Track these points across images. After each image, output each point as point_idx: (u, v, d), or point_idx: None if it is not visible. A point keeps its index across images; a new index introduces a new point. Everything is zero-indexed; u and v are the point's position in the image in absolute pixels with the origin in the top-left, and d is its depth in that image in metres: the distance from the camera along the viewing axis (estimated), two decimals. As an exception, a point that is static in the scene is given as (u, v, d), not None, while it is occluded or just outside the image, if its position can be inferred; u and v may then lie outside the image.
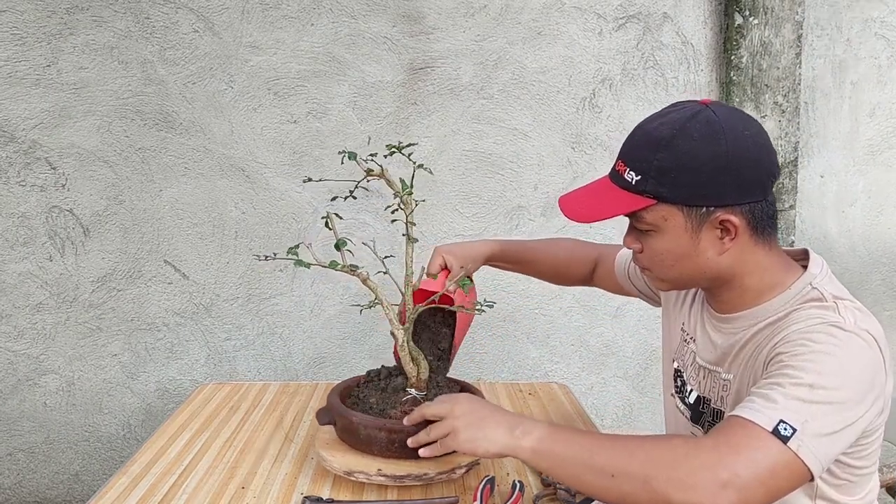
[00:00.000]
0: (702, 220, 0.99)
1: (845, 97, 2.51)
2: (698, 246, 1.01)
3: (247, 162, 2.36)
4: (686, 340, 1.21)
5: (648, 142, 1.01)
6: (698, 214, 0.99)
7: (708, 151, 0.96)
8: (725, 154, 0.96)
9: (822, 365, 0.89)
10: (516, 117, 2.41)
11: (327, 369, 2.47)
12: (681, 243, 1.01)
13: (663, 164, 0.98)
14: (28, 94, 2.27)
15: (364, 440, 1.19)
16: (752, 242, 1.02)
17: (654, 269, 1.08)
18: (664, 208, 1.00)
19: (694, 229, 1.00)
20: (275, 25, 2.31)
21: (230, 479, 1.26)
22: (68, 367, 2.40)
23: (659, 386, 2.62)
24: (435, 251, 1.42)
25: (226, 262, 2.40)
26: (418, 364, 1.27)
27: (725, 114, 1.00)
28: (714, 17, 2.44)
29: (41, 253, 2.34)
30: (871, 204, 2.57)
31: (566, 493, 1.18)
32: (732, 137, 0.97)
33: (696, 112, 1.00)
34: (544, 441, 0.96)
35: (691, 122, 0.98)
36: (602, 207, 1.04)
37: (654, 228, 1.02)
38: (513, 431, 0.98)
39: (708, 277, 1.05)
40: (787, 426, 0.85)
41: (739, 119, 1.01)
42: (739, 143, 0.97)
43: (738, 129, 0.98)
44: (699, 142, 0.97)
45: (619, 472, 0.88)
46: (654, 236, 1.03)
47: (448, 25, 2.35)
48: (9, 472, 2.44)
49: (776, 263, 1.05)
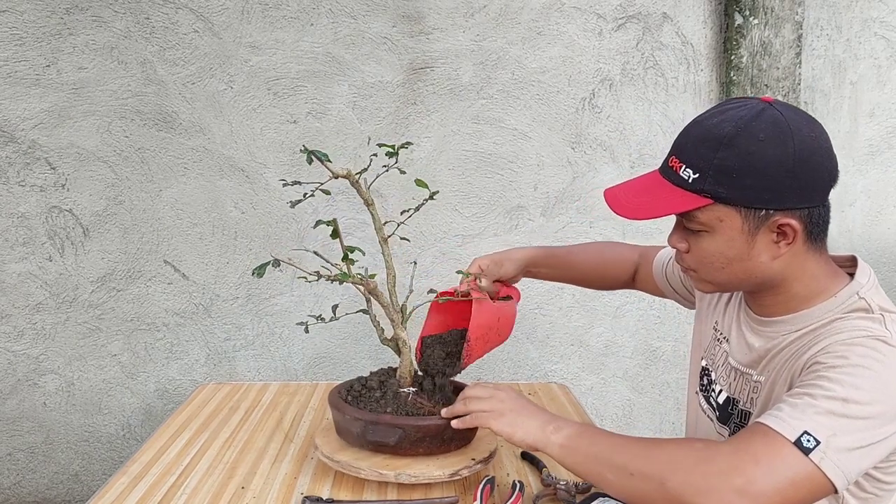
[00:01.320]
0: (760, 224, 0.96)
1: (845, 97, 2.52)
2: (752, 250, 0.97)
3: (247, 162, 2.36)
4: (718, 339, 1.19)
5: (708, 139, 0.96)
6: (757, 217, 0.95)
7: (774, 153, 0.92)
8: (792, 156, 0.93)
9: (859, 379, 0.86)
10: (516, 117, 2.41)
11: (327, 369, 2.47)
12: (734, 246, 0.98)
13: (725, 164, 0.93)
14: (28, 95, 2.27)
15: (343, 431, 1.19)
16: (804, 248, 0.99)
17: (700, 270, 1.04)
18: (721, 209, 0.96)
19: (750, 232, 0.96)
20: (275, 25, 2.31)
21: (230, 478, 1.26)
22: (68, 367, 2.40)
23: (658, 386, 2.62)
24: (472, 261, 1.39)
25: (226, 262, 2.40)
26: (402, 356, 1.27)
27: (791, 114, 0.96)
28: (714, 17, 2.44)
29: (41, 253, 2.34)
30: (870, 204, 2.57)
31: (566, 493, 1.18)
32: (800, 139, 0.94)
33: (760, 110, 0.96)
34: (572, 439, 0.99)
35: (756, 121, 0.94)
36: (655, 205, 1.00)
37: (706, 229, 0.98)
38: (546, 427, 1.02)
39: (756, 282, 1.02)
40: (810, 438, 0.83)
41: (806, 121, 0.97)
42: (806, 145, 0.94)
43: (805, 132, 0.95)
44: (765, 142, 0.93)
45: (637, 472, 0.90)
46: (706, 237, 0.99)
47: (448, 25, 2.35)
48: (8, 472, 2.44)
49: (825, 270, 1.02)
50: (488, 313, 1.26)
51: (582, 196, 2.46)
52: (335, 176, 1.21)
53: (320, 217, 2.39)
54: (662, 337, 2.56)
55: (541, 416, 1.05)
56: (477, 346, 1.26)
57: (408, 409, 1.22)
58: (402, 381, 1.28)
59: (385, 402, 1.24)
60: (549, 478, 1.23)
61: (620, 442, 0.95)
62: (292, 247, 2.40)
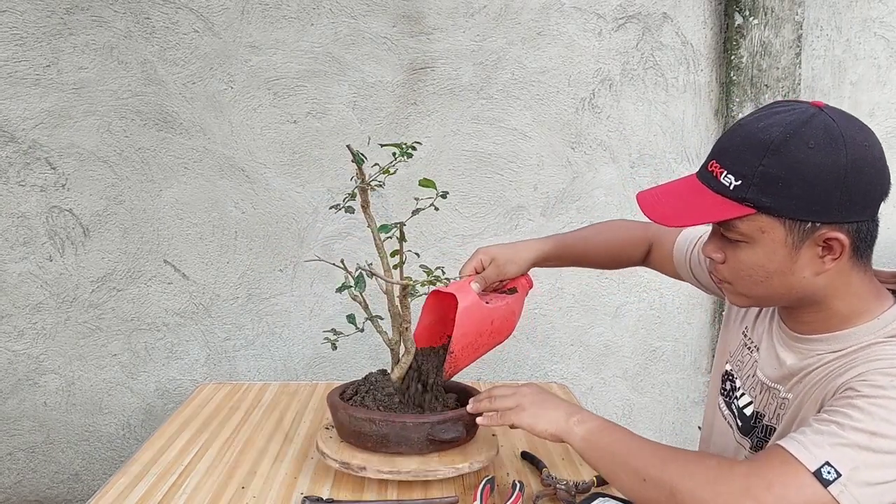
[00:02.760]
0: (805, 237, 0.90)
1: (845, 97, 2.52)
2: (795, 264, 0.92)
3: (247, 162, 2.36)
4: (749, 347, 1.13)
5: (753, 144, 0.90)
6: (802, 230, 0.89)
7: (825, 162, 0.86)
8: (844, 167, 0.86)
9: (891, 412, 0.82)
10: (516, 117, 2.41)
11: (327, 369, 2.48)
12: (776, 259, 0.92)
13: (770, 171, 0.88)
14: (28, 95, 2.27)
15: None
16: (850, 265, 0.93)
17: (737, 283, 0.98)
18: (764, 219, 0.90)
19: (794, 245, 0.90)
20: (275, 25, 2.31)
21: (230, 478, 1.26)
22: (68, 366, 2.40)
23: (658, 386, 2.62)
24: (475, 252, 1.34)
25: (226, 262, 2.40)
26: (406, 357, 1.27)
27: (844, 121, 0.90)
28: (714, 18, 2.44)
29: (41, 253, 2.34)
30: (870, 204, 2.57)
31: (566, 493, 1.19)
32: (853, 149, 0.87)
33: (811, 115, 0.90)
34: (594, 433, 1.00)
35: (806, 127, 0.88)
36: (693, 212, 0.94)
37: (746, 240, 0.93)
38: (569, 418, 1.04)
39: (796, 297, 0.96)
40: (831, 470, 0.80)
41: (859, 129, 0.91)
42: (859, 155, 0.88)
43: (859, 141, 0.89)
44: (815, 150, 0.87)
45: (650, 478, 0.90)
46: (745, 248, 0.94)
47: (448, 26, 2.35)
48: (9, 472, 2.44)
49: (869, 289, 0.96)
50: (475, 318, 1.20)
51: (582, 196, 2.46)
52: (361, 179, 1.21)
53: (320, 215, 2.40)
54: (662, 337, 2.56)
55: (564, 407, 1.07)
56: (462, 355, 1.22)
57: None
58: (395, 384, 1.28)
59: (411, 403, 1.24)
60: (549, 478, 1.23)
61: (639, 445, 0.96)
62: (292, 247, 2.40)
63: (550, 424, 1.05)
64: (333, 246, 2.41)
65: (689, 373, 2.59)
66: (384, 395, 1.25)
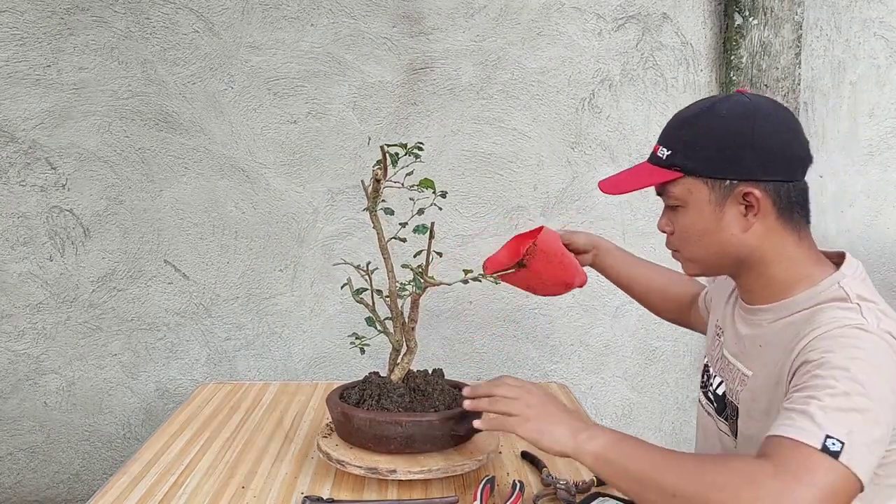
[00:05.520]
0: (726, 194, 1.02)
1: (844, 97, 2.52)
2: (722, 220, 1.03)
3: (247, 162, 2.36)
4: (718, 335, 1.22)
5: (679, 120, 1.08)
6: (722, 187, 1.02)
7: (734, 126, 1.01)
8: (752, 130, 1.00)
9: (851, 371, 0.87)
10: (516, 118, 2.41)
11: (327, 369, 2.48)
12: (705, 217, 1.04)
13: (689, 138, 1.04)
14: (28, 95, 2.27)
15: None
16: (778, 225, 1.03)
17: (682, 248, 1.11)
18: (689, 181, 1.04)
19: (718, 202, 1.03)
20: (275, 26, 2.31)
21: (230, 478, 1.26)
22: (68, 366, 2.40)
23: (658, 386, 2.63)
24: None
25: (226, 262, 2.40)
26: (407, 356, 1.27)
27: (757, 98, 1.05)
28: (713, 18, 2.44)
29: (41, 253, 2.34)
30: (869, 204, 2.57)
31: (566, 493, 1.19)
32: (762, 116, 1.01)
33: (730, 96, 1.06)
34: (607, 449, 0.95)
35: (721, 102, 1.04)
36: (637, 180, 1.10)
37: (681, 203, 1.06)
38: (577, 435, 0.98)
39: (733, 258, 1.06)
40: (834, 441, 0.83)
41: (771, 104, 1.05)
42: (767, 120, 1.01)
43: (767, 110, 1.03)
44: (726, 118, 1.02)
45: (680, 494, 0.88)
46: (682, 212, 1.07)
47: (448, 26, 2.36)
48: (9, 472, 2.44)
49: (806, 256, 1.05)
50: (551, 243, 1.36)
51: (582, 196, 2.46)
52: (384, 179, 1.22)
53: (321, 215, 2.40)
54: (662, 337, 2.56)
55: (571, 422, 1.01)
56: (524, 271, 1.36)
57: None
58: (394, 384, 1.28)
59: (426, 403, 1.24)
60: (549, 478, 1.23)
61: (661, 459, 0.92)
62: (292, 247, 2.40)
63: (556, 442, 0.99)
64: (334, 246, 2.41)
65: (689, 373, 2.59)
66: (398, 395, 1.25)
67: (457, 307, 2.47)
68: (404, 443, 1.19)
